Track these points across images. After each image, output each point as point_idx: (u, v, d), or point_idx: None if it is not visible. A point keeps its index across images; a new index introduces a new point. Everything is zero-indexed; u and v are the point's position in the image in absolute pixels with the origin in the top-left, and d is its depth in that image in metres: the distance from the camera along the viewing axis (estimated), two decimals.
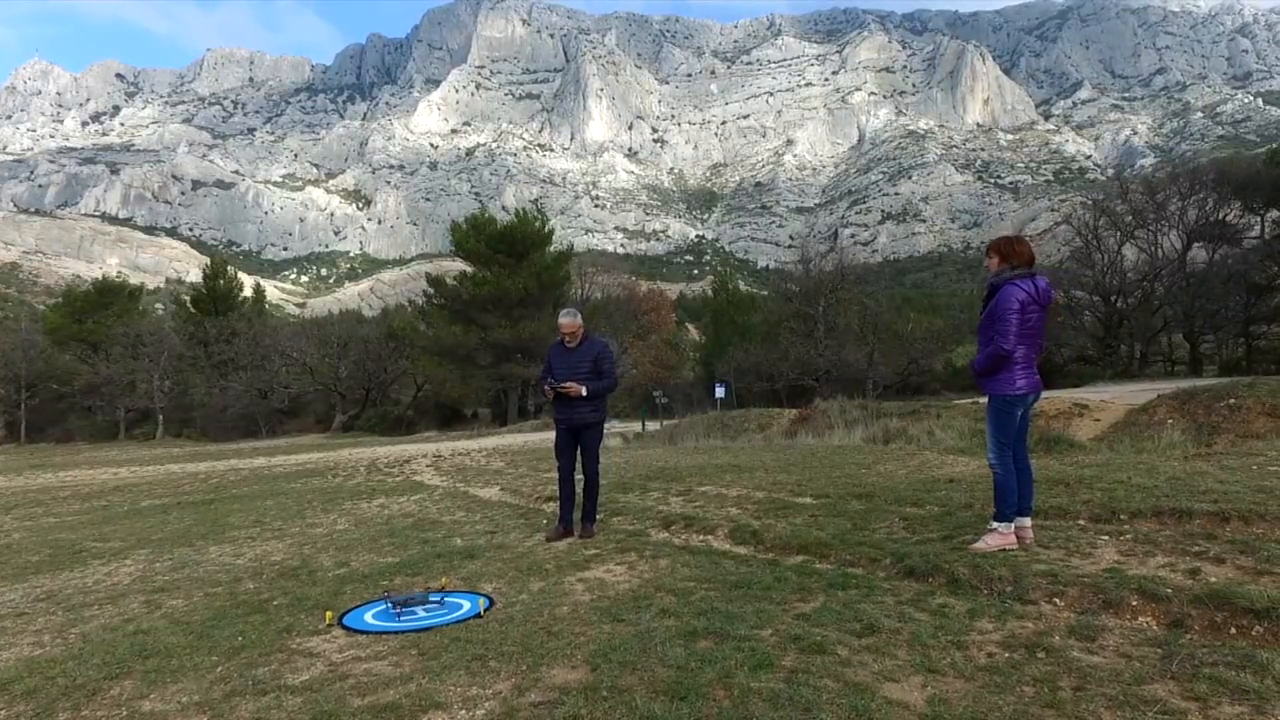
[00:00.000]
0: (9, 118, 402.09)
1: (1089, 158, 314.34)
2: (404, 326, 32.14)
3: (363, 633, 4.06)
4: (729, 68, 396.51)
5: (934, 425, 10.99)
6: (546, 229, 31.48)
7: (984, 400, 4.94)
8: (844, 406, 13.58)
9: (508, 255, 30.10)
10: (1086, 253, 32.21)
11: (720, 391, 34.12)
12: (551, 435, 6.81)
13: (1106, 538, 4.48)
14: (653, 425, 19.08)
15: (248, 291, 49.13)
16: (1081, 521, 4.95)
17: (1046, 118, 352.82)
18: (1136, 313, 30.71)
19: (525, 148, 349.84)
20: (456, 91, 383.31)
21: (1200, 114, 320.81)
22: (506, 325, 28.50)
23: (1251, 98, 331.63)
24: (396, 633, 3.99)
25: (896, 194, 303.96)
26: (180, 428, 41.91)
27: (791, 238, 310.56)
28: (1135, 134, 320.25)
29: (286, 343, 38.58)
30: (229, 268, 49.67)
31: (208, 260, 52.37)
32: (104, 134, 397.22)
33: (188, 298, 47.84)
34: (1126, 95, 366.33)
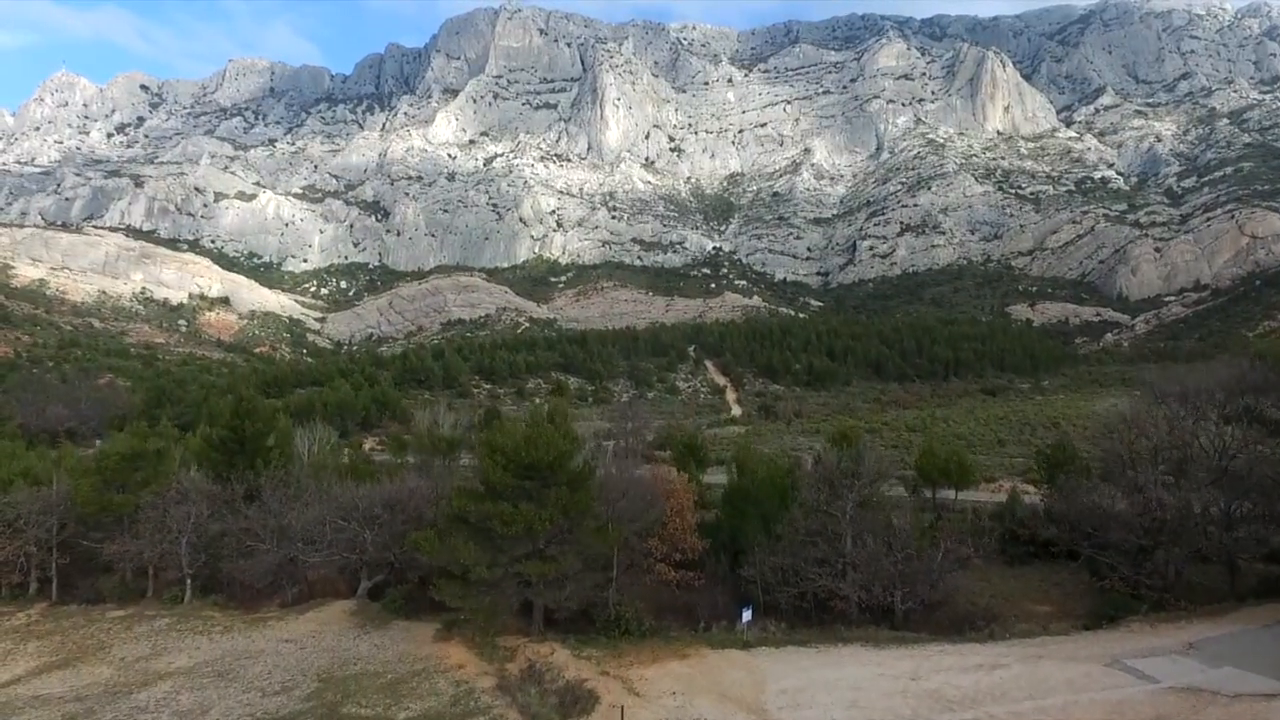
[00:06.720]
0: (37, 129, 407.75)
1: (1111, 166, 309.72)
2: (429, 548, 32.44)
3: None
4: (746, 75, 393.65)
5: None
6: (569, 441, 31.82)
7: None
8: None
9: (532, 481, 30.35)
10: (1120, 471, 31.79)
11: (747, 616, 34.19)
12: None
13: None
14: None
15: (292, 360, 49.58)
16: None
17: (1068, 124, 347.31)
18: (1177, 535, 30.39)
19: (543, 158, 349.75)
20: (474, 101, 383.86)
21: (1226, 120, 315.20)
22: (536, 560, 28.76)
23: None
24: None
25: (915, 205, 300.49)
26: (208, 586, 42.91)
27: (809, 250, 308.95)
28: (1159, 141, 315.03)
29: (311, 527, 39.29)
30: (257, 402, 49.95)
31: (237, 278, 52.40)
32: (129, 145, 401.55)
33: (216, 437, 48.39)
34: (1150, 101, 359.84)
